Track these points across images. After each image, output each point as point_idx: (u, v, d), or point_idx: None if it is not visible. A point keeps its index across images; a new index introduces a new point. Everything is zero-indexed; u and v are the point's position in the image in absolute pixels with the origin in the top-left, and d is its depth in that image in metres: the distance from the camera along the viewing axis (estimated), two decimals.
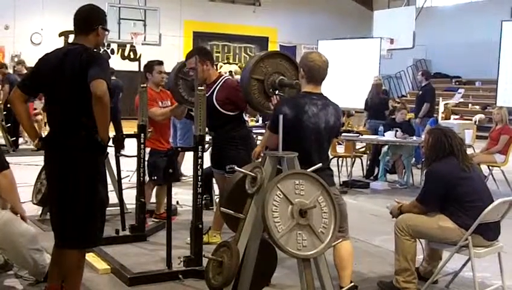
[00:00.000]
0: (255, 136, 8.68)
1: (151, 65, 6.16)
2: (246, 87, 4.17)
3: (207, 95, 4.71)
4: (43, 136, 3.67)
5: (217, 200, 6.07)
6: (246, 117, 10.45)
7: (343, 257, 3.99)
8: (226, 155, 4.96)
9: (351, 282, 3.97)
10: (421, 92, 11.99)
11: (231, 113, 4.96)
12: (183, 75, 5.40)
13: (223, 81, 5.04)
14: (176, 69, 5.46)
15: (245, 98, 4.39)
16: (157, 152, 5.83)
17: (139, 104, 5.46)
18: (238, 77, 17.11)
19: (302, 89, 3.93)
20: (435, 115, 11.43)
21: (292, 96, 4.07)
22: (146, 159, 5.62)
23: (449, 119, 13.19)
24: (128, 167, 7.09)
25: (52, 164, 3.53)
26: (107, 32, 3.68)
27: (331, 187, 3.43)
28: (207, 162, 4.91)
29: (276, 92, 4.18)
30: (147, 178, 5.74)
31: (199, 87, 4.41)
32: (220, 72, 5.26)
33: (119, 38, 16.87)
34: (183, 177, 8.25)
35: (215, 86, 4.99)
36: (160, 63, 6.24)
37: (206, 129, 4.68)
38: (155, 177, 5.86)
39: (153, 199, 6.21)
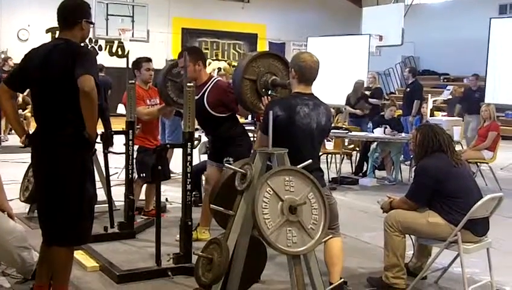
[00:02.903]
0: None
1: (139, 62, 6.11)
2: (239, 87, 4.17)
3: (197, 97, 4.72)
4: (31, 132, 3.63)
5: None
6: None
7: (333, 253, 3.98)
8: (227, 151, 4.95)
9: (341, 278, 3.98)
10: (408, 89, 12.06)
11: (223, 115, 4.98)
12: (172, 77, 5.39)
13: (213, 82, 5.04)
14: (165, 70, 5.44)
15: (237, 98, 4.38)
16: (145, 149, 5.80)
17: (127, 101, 5.43)
18: (226, 74, 17.09)
19: (293, 90, 3.91)
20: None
21: (283, 97, 4.05)
22: (134, 156, 5.59)
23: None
24: (117, 164, 7.06)
25: (39, 161, 3.50)
26: (91, 26, 3.65)
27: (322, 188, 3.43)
28: (196, 159, 4.91)
29: (269, 92, 4.18)
30: (136, 175, 5.72)
31: (188, 84, 4.40)
32: (210, 74, 5.24)
33: (106, 34, 16.77)
34: (172, 175, 8.21)
35: (205, 87, 4.99)
36: (149, 60, 6.20)
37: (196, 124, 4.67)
38: (143, 175, 5.84)
39: (142, 196, 6.18)
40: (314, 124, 3.80)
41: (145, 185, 6.05)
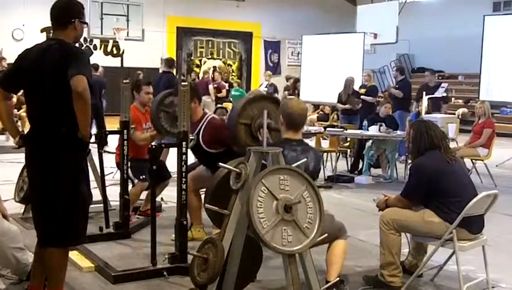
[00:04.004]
0: None
1: (139, 85, 6.15)
2: (234, 131, 4.24)
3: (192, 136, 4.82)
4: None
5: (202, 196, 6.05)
6: None
7: (334, 252, 4.06)
8: None
9: (338, 277, 3.98)
10: (397, 86, 12.07)
11: (218, 151, 5.06)
12: (165, 107, 5.44)
13: (207, 121, 5.17)
14: (157, 101, 5.50)
15: (232, 140, 4.44)
16: (138, 159, 5.79)
17: (121, 101, 5.42)
18: (221, 72, 17.05)
19: (282, 136, 4.00)
20: (417, 109, 11.51)
21: (271, 143, 4.09)
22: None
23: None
24: (112, 163, 7.04)
25: (33, 161, 3.48)
26: (85, 26, 3.63)
27: None
28: (191, 159, 4.90)
29: None
30: (135, 180, 5.73)
31: (183, 83, 4.41)
32: (203, 110, 5.35)
33: (101, 33, 16.76)
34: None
35: (200, 126, 5.12)
36: (149, 83, 6.28)
37: None
38: (143, 177, 5.84)
39: (142, 196, 6.17)
40: (302, 169, 3.81)
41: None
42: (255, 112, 4.20)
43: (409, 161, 8.24)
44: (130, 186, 5.68)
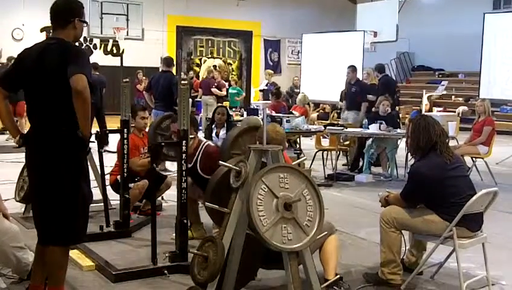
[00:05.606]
0: None
1: (135, 110, 6.19)
2: (226, 161, 4.29)
3: (190, 165, 4.89)
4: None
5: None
6: (231, 112, 10.48)
7: (327, 250, 4.04)
8: None
9: (336, 274, 3.99)
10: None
11: None
12: (162, 131, 5.45)
13: (202, 149, 5.23)
14: (154, 125, 5.50)
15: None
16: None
17: (121, 100, 5.43)
18: (221, 71, 17.00)
19: None
20: (418, 107, 11.49)
21: None
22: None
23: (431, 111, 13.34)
24: (112, 162, 7.04)
25: (33, 161, 3.49)
26: (85, 25, 3.64)
27: None
28: None
29: None
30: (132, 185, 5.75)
31: (182, 81, 4.42)
32: (198, 139, 5.39)
33: (101, 33, 16.78)
34: (168, 173, 8.21)
35: (196, 154, 5.18)
36: (144, 108, 6.43)
37: None
38: (137, 179, 5.84)
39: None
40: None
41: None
42: (246, 143, 4.29)
43: (409, 158, 8.26)
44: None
